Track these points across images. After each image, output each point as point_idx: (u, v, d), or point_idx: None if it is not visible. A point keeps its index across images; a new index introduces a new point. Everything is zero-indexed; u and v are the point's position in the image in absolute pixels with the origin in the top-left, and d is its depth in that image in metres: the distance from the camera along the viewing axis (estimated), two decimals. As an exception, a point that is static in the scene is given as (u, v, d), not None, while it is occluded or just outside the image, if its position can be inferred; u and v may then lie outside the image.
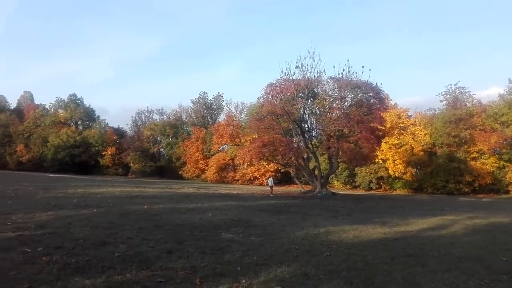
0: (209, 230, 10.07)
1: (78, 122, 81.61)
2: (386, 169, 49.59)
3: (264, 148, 30.64)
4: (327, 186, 35.73)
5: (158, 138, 75.39)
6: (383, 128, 36.10)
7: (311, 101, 31.98)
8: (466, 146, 48.97)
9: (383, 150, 46.32)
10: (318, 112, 33.14)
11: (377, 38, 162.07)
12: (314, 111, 33.39)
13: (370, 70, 50.14)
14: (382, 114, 32.86)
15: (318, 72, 31.15)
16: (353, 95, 31.39)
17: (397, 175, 49.82)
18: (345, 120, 29.18)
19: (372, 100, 31.75)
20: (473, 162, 47.97)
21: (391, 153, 48.53)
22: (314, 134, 35.50)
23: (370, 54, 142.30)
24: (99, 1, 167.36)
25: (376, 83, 31.06)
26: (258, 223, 12.08)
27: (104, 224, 9.92)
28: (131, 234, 8.79)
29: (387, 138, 44.92)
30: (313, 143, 34.53)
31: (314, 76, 31.16)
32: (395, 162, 48.68)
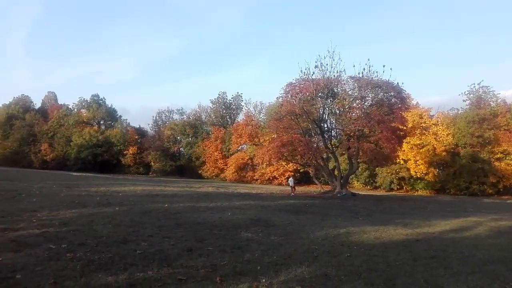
0: (228, 229, 10.12)
1: (101, 122, 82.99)
2: (408, 169, 48.77)
3: (283, 148, 30.57)
4: (347, 187, 35.39)
5: (178, 137, 76.10)
6: (405, 128, 35.55)
7: (331, 100, 31.72)
8: (490, 147, 47.82)
9: (405, 150, 45.58)
10: (337, 111, 32.85)
11: (398, 37, 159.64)
12: (333, 111, 33.10)
13: (391, 69, 49.65)
14: (403, 113, 32.36)
15: (338, 71, 30.97)
16: (373, 95, 31.00)
17: (419, 176, 48.99)
18: (365, 119, 28.84)
19: (393, 99, 31.29)
20: (497, 163, 46.79)
21: (413, 153, 47.69)
22: (333, 134, 35.22)
23: (391, 53, 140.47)
24: (122, 2, 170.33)
25: (397, 83, 30.65)
26: (278, 223, 12.07)
27: (126, 222, 10.09)
28: (152, 232, 8.91)
29: (409, 138, 44.22)
30: (332, 143, 34.25)
31: (334, 75, 30.97)
32: (417, 162, 47.83)
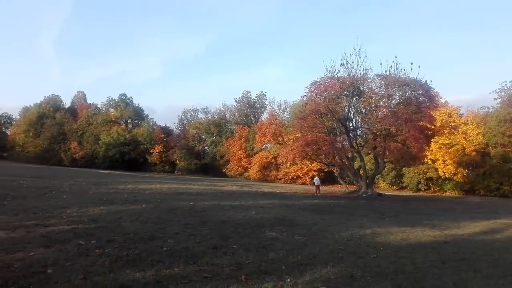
0: (253, 228, 10.15)
1: (128, 121, 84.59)
2: (436, 169, 47.55)
3: (307, 147, 30.32)
4: (373, 187, 34.85)
5: (203, 136, 76.77)
6: (433, 127, 34.65)
7: (357, 99, 31.24)
8: (522, 147, 45.95)
9: (433, 150, 44.44)
10: (363, 110, 32.32)
11: (426, 35, 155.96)
12: (359, 110, 32.60)
13: (419, 67, 48.23)
14: (431, 112, 31.54)
15: (364, 69, 30.43)
16: (401, 93, 30.34)
17: (447, 176, 47.69)
18: (392, 118, 28.27)
19: (421, 98, 30.52)
20: (529, 164, 44.89)
21: (441, 153, 46.45)
22: (359, 133, 34.66)
23: (419, 51, 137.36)
24: (148, 3, 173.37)
25: (425, 80, 29.88)
26: (302, 222, 12.02)
27: (152, 219, 10.27)
28: (178, 230, 9.04)
29: (437, 137, 43.04)
30: (358, 142, 33.76)
31: (360, 73, 30.46)
32: (445, 162, 46.56)
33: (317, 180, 32.92)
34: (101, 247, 6.78)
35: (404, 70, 29.65)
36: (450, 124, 48.97)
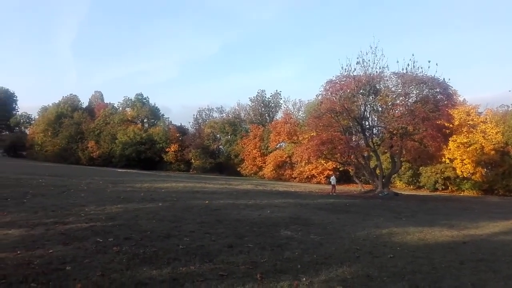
0: (268, 227, 10.14)
1: (144, 120, 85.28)
2: (454, 169, 46.65)
3: (322, 146, 30.12)
4: (389, 186, 34.44)
5: (218, 135, 76.98)
6: (451, 125, 34.04)
7: (373, 97, 30.89)
8: (543, 146, 44.82)
9: (451, 149, 43.62)
10: (380, 109, 31.96)
11: (443, 32, 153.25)
12: (375, 108, 32.24)
13: (437, 65, 47.57)
14: (449, 111, 30.95)
15: (380, 67, 29.99)
16: (418, 91, 29.86)
17: (465, 176, 46.73)
18: (409, 117, 27.86)
19: (439, 96, 29.98)
20: (550, 163, 43.76)
21: (459, 152, 45.55)
22: (375, 131, 34.31)
23: (436, 48, 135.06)
24: (164, 4, 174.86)
25: (443, 79, 29.34)
26: (317, 222, 11.96)
27: (169, 217, 10.36)
28: (194, 228, 9.10)
29: (455, 136, 42.29)
30: (374, 141, 33.40)
31: (376, 71, 30.03)
32: (464, 161, 45.62)
33: (333, 179, 32.76)
34: (118, 245, 6.87)
35: (421, 68, 29.22)
36: (469, 122, 48.04)
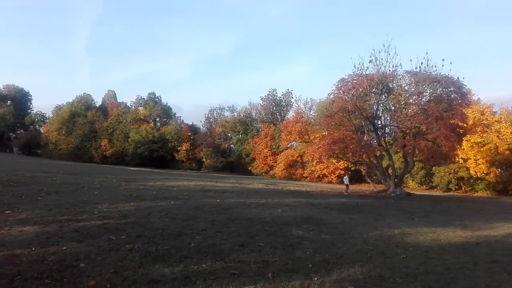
0: (279, 226, 10.13)
1: (156, 119, 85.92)
2: (467, 169, 45.98)
3: (334, 145, 29.97)
4: (401, 186, 34.12)
5: (229, 134, 77.14)
6: (465, 125, 33.59)
7: (385, 96, 30.62)
8: (558, 145, 43.91)
9: (464, 149, 42.99)
10: (392, 108, 31.67)
11: (457, 30, 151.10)
12: (388, 107, 31.96)
13: (451, 63, 47.03)
14: (463, 110, 30.52)
15: (393, 66, 29.72)
16: (431, 90, 29.51)
17: (479, 176, 46.03)
18: (422, 116, 27.54)
19: (453, 95, 29.60)
20: None
21: (473, 152, 44.87)
22: (387, 131, 34.03)
23: (449, 47, 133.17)
24: (176, 3, 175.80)
25: (457, 77, 28.95)
26: (329, 221, 11.91)
27: (180, 215, 10.42)
28: (206, 226, 9.14)
29: (469, 136, 41.74)
30: (386, 141, 33.11)
31: (389, 70, 29.76)
32: (477, 161, 44.91)
33: (346, 179, 32.72)
34: (131, 242, 6.93)
35: (435, 66, 28.89)
36: (483, 122, 47.33)
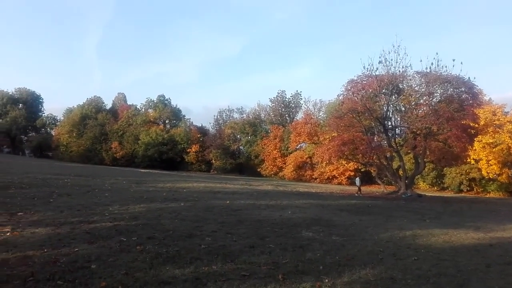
0: (289, 228, 10.10)
1: (166, 121, 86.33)
2: (479, 170, 45.42)
3: (343, 146, 29.80)
4: (412, 187, 33.80)
5: (238, 136, 77.23)
6: (476, 125, 33.16)
7: (395, 97, 30.39)
8: None
9: (476, 150, 42.47)
10: (403, 108, 31.41)
11: (468, 29, 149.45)
12: (398, 108, 31.71)
13: (461, 63, 46.41)
14: (475, 110, 30.16)
15: (403, 66, 29.55)
16: (442, 91, 29.23)
17: (491, 177, 45.42)
18: (433, 117, 27.27)
19: (464, 95, 29.29)
20: None
21: (485, 152, 44.29)
22: (398, 132, 33.75)
23: (461, 47, 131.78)
24: (185, 6, 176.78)
25: (468, 77, 28.63)
26: (339, 223, 11.84)
27: (190, 217, 10.44)
28: (216, 228, 9.14)
29: (481, 136, 41.16)
30: (397, 142, 32.85)
31: (399, 71, 29.58)
32: (489, 162, 44.33)
33: (358, 180, 32.63)
34: (141, 244, 6.97)
35: (445, 67, 28.67)
36: (495, 122, 46.69)
